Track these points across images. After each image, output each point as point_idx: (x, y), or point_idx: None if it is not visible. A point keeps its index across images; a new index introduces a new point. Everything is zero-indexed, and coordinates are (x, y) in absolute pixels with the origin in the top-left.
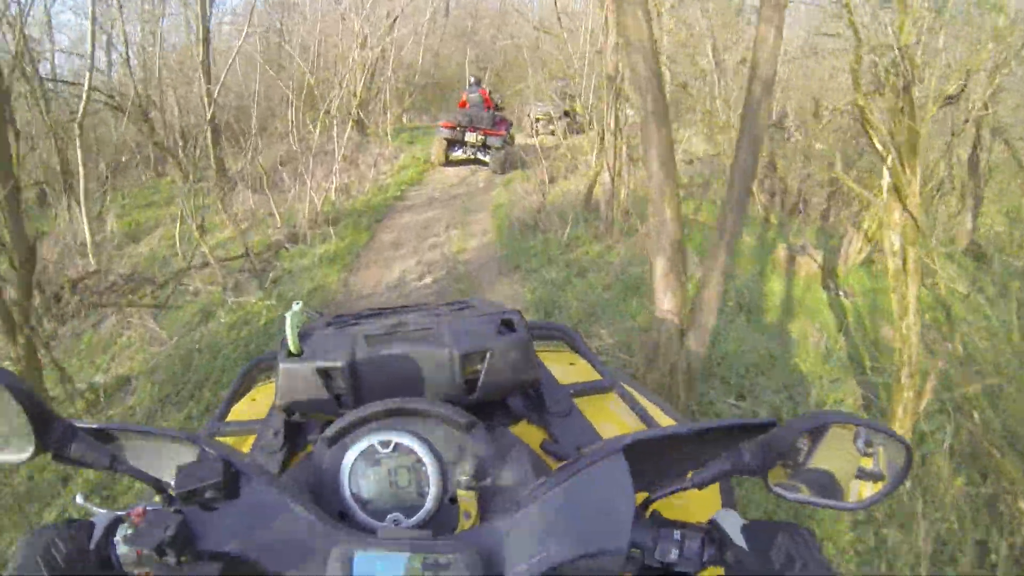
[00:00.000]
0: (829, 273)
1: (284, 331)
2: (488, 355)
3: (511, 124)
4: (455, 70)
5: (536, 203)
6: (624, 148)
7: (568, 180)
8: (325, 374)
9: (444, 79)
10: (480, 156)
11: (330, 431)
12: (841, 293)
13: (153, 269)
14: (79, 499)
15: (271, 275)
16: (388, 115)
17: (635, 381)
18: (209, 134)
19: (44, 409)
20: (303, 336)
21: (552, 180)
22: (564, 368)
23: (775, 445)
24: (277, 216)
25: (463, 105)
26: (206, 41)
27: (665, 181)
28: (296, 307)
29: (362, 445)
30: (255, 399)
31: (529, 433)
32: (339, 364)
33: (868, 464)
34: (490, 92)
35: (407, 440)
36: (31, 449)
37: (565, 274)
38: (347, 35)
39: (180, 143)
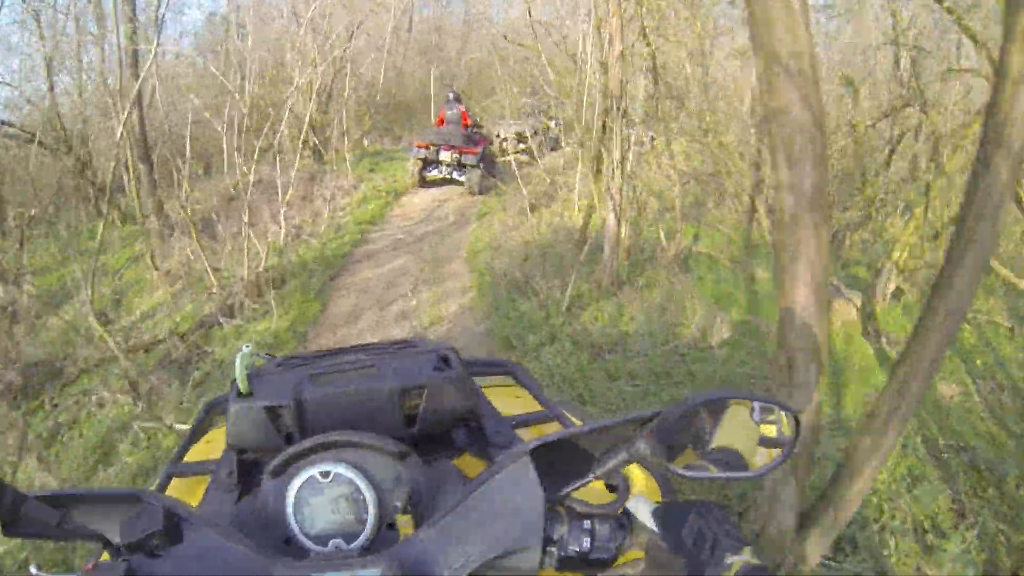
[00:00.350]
0: (867, 316)
1: (235, 373)
2: (426, 390)
3: (490, 142)
4: (418, 88)
5: (520, 246)
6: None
7: (551, 208)
8: (273, 412)
9: (407, 98)
10: (456, 176)
11: (274, 464)
12: (884, 340)
13: (71, 348)
14: (33, 569)
15: (196, 373)
16: (347, 140)
17: (578, 409)
18: (139, 170)
19: None
20: (253, 377)
21: (533, 208)
22: (509, 401)
23: (660, 431)
24: (211, 276)
25: (441, 123)
26: (134, 66)
27: (816, 317)
28: (246, 350)
29: (304, 476)
30: (210, 440)
31: (472, 464)
32: (286, 402)
33: (770, 432)
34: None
35: (345, 470)
36: None
37: (576, 359)
38: (302, 52)
39: (104, 182)
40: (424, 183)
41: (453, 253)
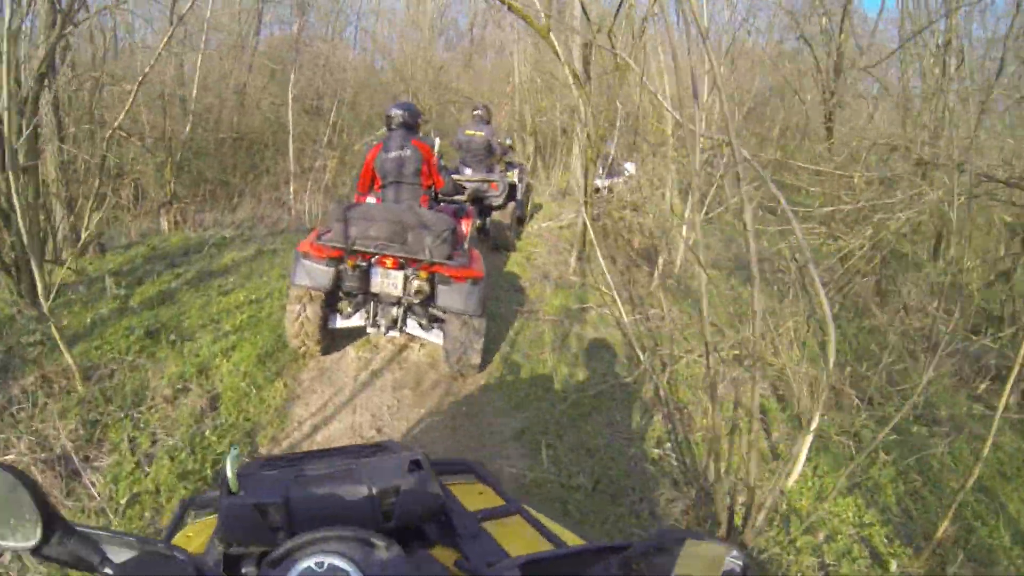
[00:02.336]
0: None
1: (225, 472)
2: (400, 489)
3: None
4: (273, 112)
5: None
6: None
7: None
8: (262, 509)
9: (253, 129)
10: (414, 329)
11: (275, 554)
12: None
13: None
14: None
15: None
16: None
17: (538, 504)
18: None
19: (51, 505)
20: (240, 476)
21: None
22: (473, 497)
23: (628, 560)
24: None
25: (368, 186)
26: None
27: None
28: (234, 451)
29: (301, 567)
30: (189, 535)
31: (443, 555)
32: (275, 500)
33: (716, 567)
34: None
35: (338, 560)
36: (36, 539)
37: None
38: None
39: None
40: (329, 341)
41: None
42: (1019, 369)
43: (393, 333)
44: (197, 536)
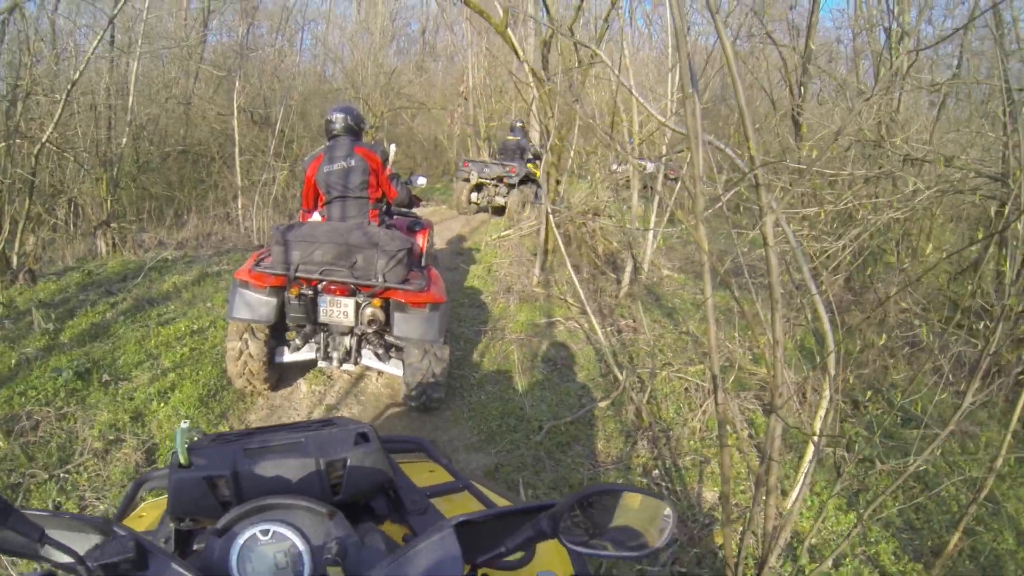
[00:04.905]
0: None
1: (175, 446)
2: (347, 462)
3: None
4: (220, 123)
5: None
6: None
7: None
8: (211, 482)
9: (199, 141)
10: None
11: (220, 523)
12: None
13: None
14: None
15: None
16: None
17: (486, 480)
18: None
19: None
20: (191, 450)
21: None
22: (423, 474)
23: (558, 514)
24: None
25: (313, 209)
26: None
27: None
28: (184, 425)
29: (246, 534)
30: (143, 515)
31: (393, 530)
32: (224, 473)
33: (653, 518)
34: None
35: (282, 528)
36: None
37: None
38: None
39: None
40: (277, 376)
41: None
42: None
43: (348, 366)
44: (150, 514)
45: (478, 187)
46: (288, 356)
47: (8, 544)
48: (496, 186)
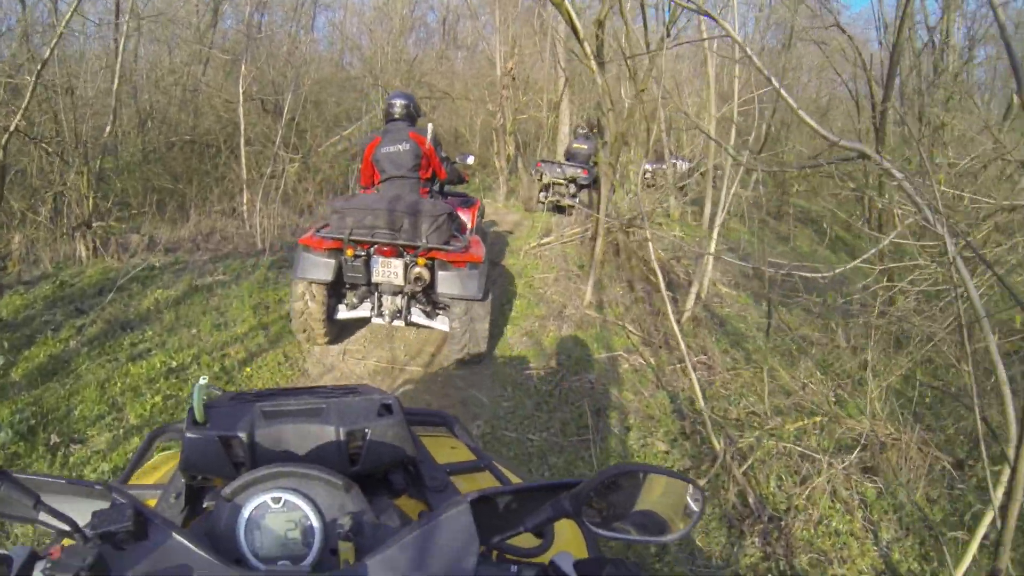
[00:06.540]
0: None
1: (192, 401)
2: (368, 433)
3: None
4: (228, 111)
5: None
6: None
7: None
8: (226, 442)
9: (205, 132)
10: None
11: (229, 488)
12: None
13: None
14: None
15: None
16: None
17: (509, 461)
18: None
19: None
20: (208, 408)
21: None
22: (444, 451)
23: (581, 494)
24: None
25: (372, 185)
26: None
27: None
28: (203, 381)
29: (256, 501)
30: (156, 467)
31: (410, 505)
32: (240, 434)
33: (680, 502)
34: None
35: (294, 498)
36: None
37: None
38: None
39: None
40: (335, 332)
41: None
42: None
43: (398, 323)
44: (164, 466)
45: (546, 187)
46: (345, 313)
47: (2, 508)
48: (567, 186)
